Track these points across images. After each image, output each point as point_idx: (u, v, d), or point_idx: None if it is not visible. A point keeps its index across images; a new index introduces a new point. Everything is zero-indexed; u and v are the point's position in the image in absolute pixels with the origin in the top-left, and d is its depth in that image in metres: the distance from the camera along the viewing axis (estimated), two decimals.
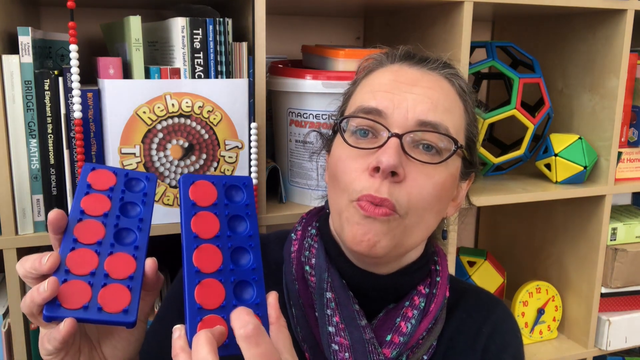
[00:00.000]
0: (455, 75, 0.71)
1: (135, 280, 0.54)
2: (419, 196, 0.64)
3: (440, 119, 0.65)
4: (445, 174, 0.66)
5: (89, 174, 0.60)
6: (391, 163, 0.62)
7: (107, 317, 0.51)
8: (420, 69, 0.70)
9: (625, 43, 1.22)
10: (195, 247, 0.54)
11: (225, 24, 0.94)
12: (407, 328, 0.68)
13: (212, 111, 0.95)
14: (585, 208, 1.34)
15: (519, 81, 1.24)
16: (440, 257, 0.77)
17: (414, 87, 0.67)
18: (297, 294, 0.71)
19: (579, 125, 1.35)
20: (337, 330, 0.66)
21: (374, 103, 0.66)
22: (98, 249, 0.55)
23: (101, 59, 0.90)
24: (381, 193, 0.63)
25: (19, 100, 0.88)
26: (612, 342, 1.38)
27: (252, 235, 0.57)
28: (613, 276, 1.35)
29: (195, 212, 0.56)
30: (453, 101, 0.68)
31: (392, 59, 0.72)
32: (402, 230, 0.65)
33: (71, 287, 0.52)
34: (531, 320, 1.40)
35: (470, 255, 1.46)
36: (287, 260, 0.74)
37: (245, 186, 0.59)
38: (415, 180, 0.64)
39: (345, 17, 1.46)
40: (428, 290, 0.72)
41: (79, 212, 0.57)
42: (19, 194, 0.91)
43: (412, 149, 0.65)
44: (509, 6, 1.18)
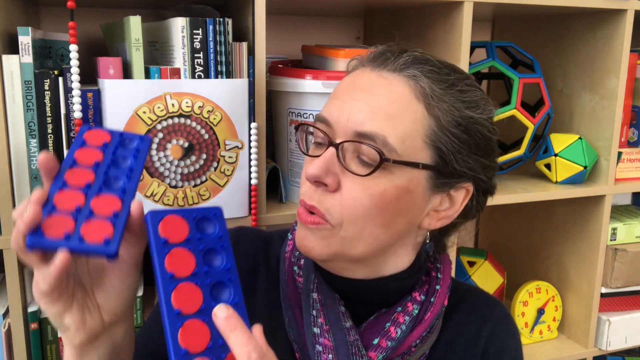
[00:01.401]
0: (417, 76, 0.64)
1: (119, 218, 0.53)
2: (352, 207, 0.63)
3: (378, 128, 0.61)
4: (387, 185, 0.62)
5: (85, 132, 0.60)
6: (312, 173, 0.62)
7: (87, 246, 0.50)
8: (379, 72, 0.66)
9: (625, 43, 1.22)
10: (173, 288, 0.51)
11: (225, 24, 0.94)
12: (397, 333, 0.67)
13: (212, 111, 0.95)
14: (585, 208, 1.34)
15: (519, 81, 1.24)
16: (444, 264, 0.75)
17: (362, 93, 0.64)
18: (287, 294, 0.72)
19: (579, 125, 1.35)
20: (322, 332, 0.67)
21: (324, 112, 0.66)
22: (86, 190, 0.55)
23: (101, 59, 0.90)
24: (311, 200, 0.64)
25: (19, 100, 0.88)
26: (612, 342, 1.38)
27: (230, 268, 0.55)
28: (613, 276, 1.35)
29: (168, 250, 0.53)
30: (404, 106, 0.63)
31: (363, 62, 0.70)
32: (338, 241, 0.64)
33: (55, 219, 0.52)
34: (531, 320, 1.40)
35: (470, 255, 1.46)
36: (282, 259, 0.75)
37: (216, 217, 0.57)
38: (349, 192, 0.63)
39: (345, 17, 1.46)
40: (424, 298, 0.71)
41: (71, 161, 0.57)
42: (19, 194, 0.91)
43: (352, 159, 0.64)
44: (509, 6, 1.18)
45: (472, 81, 0.69)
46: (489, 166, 0.68)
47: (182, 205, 0.96)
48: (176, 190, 0.95)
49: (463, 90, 0.66)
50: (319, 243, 0.65)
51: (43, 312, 0.98)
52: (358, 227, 0.64)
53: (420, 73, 0.64)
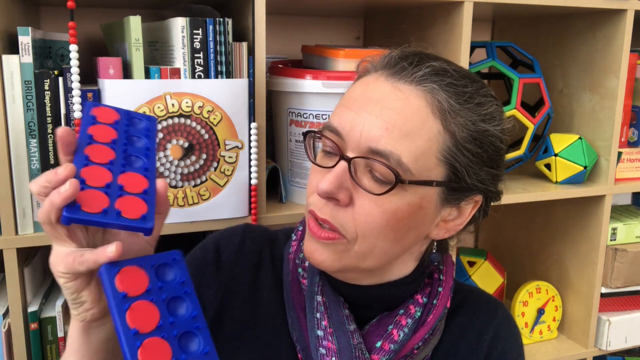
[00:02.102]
0: (436, 90, 0.62)
1: (150, 195, 0.55)
2: (365, 223, 0.62)
3: (392, 147, 0.60)
4: (400, 203, 0.62)
5: (92, 109, 0.60)
6: (324, 189, 0.61)
7: (126, 221, 0.51)
8: (394, 82, 0.63)
9: (625, 43, 1.21)
10: (139, 346, 0.48)
11: (225, 24, 0.94)
12: (399, 336, 0.67)
13: (212, 111, 0.95)
14: (585, 208, 1.34)
15: (519, 81, 1.24)
16: (446, 266, 0.75)
17: (375, 106, 0.62)
18: (291, 295, 0.71)
19: (579, 125, 1.35)
20: (325, 334, 0.66)
21: (336, 122, 0.64)
22: (110, 167, 0.55)
23: (101, 59, 0.90)
24: (323, 213, 0.63)
25: (19, 100, 0.88)
26: (612, 342, 1.38)
27: (196, 315, 0.52)
28: (613, 276, 1.35)
29: (128, 304, 0.49)
30: (419, 122, 0.61)
31: (376, 67, 0.67)
32: (352, 256, 0.64)
33: (89, 194, 0.51)
34: (531, 320, 1.40)
35: (470, 255, 1.46)
36: (286, 260, 0.75)
37: (175, 262, 0.55)
38: (362, 207, 0.62)
39: (345, 17, 1.46)
40: (426, 300, 0.71)
41: (88, 137, 0.57)
42: (19, 194, 0.91)
43: (364, 173, 0.62)
44: (509, 6, 1.18)
45: (488, 90, 0.67)
46: (497, 176, 0.68)
47: (182, 206, 0.96)
48: (176, 190, 0.95)
49: (480, 103, 0.64)
50: (331, 257, 0.65)
51: (43, 312, 0.98)
52: (370, 243, 0.63)
53: (438, 87, 0.62)
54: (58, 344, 0.99)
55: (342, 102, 0.66)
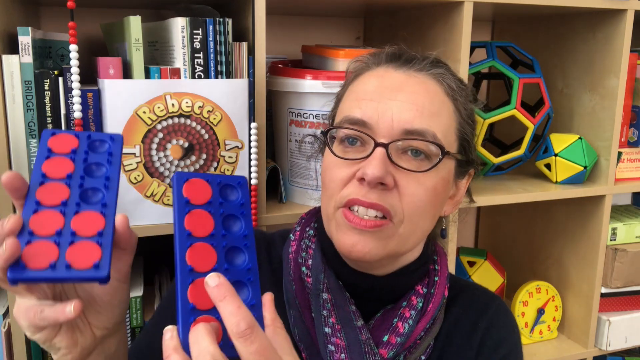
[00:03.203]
0: (444, 74, 0.69)
1: (105, 237, 0.51)
2: (412, 203, 0.65)
3: (427, 124, 0.65)
4: (437, 179, 0.66)
5: (49, 139, 0.56)
6: (376, 175, 0.62)
7: (77, 274, 0.48)
8: (406, 71, 0.69)
9: (625, 43, 1.22)
10: (189, 245, 0.52)
11: (225, 24, 0.94)
12: (405, 328, 0.68)
13: (212, 111, 0.95)
14: (585, 208, 1.34)
15: (519, 81, 1.24)
16: (440, 256, 0.77)
17: (398, 93, 0.66)
18: (294, 295, 0.71)
19: (579, 125, 1.35)
20: (334, 331, 0.67)
21: (359, 113, 0.66)
22: (63, 209, 0.52)
23: (101, 59, 0.90)
24: (370, 198, 0.63)
25: (19, 100, 0.88)
26: (612, 342, 1.38)
27: (247, 234, 0.55)
28: (613, 276, 1.35)
29: (189, 209, 0.54)
30: (440, 103, 0.67)
31: (378, 61, 0.71)
32: (396, 240, 0.66)
33: (36, 247, 0.48)
34: (531, 320, 1.40)
35: (470, 255, 1.46)
36: (286, 260, 0.74)
37: (240, 185, 0.57)
38: (406, 188, 0.64)
39: (345, 17, 1.46)
40: (426, 290, 0.72)
41: (40, 176, 0.53)
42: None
43: (400, 155, 0.65)
44: (509, 6, 1.18)
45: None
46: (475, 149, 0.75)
47: None
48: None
49: (464, 82, 0.72)
50: (376, 245, 0.65)
51: None
52: (414, 223, 0.66)
53: (444, 71, 0.69)
54: None
55: (357, 96, 0.68)
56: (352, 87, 0.71)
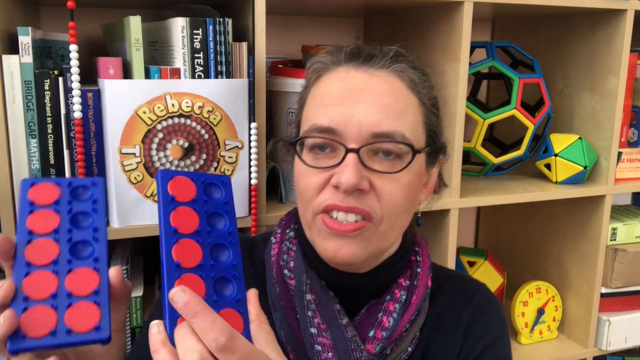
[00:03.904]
0: (404, 69, 0.69)
1: (101, 294, 0.51)
2: (390, 202, 0.65)
3: (395, 125, 0.65)
4: (410, 175, 0.67)
5: (28, 190, 0.55)
6: (351, 182, 0.62)
7: (78, 338, 0.48)
8: (367, 70, 0.68)
9: (625, 43, 1.21)
10: (175, 242, 0.52)
11: (225, 24, 0.94)
12: (390, 322, 0.69)
13: (212, 111, 0.95)
14: (585, 208, 1.34)
15: (519, 81, 1.24)
16: (421, 247, 0.78)
17: (362, 94, 0.65)
18: (278, 297, 0.71)
19: (579, 125, 1.35)
20: (319, 331, 0.67)
21: (325, 121, 0.65)
22: (55, 268, 0.51)
23: (101, 59, 0.90)
24: (348, 203, 0.64)
25: (19, 100, 0.88)
26: (612, 342, 1.38)
27: (232, 232, 0.55)
28: (613, 276, 1.35)
29: (174, 206, 0.54)
30: (405, 99, 0.67)
31: (337, 61, 0.71)
32: (377, 239, 0.67)
33: (33, 314, 0.48)
34: (531, 320, 1.40)
35: (470, 255, 1.46)
36: (268, 263, 0.75)
37: (223, 184, 0.58)
38: (383, 188, 0.65)
39: (345, 17, 1.46)
40: (409, 282, 0.73)
41: (27, 233, 0.52)
42: (19, 194, 0.91)
43: (372, 157, 0.65)
44: (509, 6, 1.18)
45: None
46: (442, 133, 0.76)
47: None
48: None
49: (425, 72, 0.73)
50: (359, 247, 0.66)
51: None
52: (393, 220, 0.67)
53: (404, 66, 0.69)
54: None
55: (321, 102, 0.68)
56: (315, 91, 0.70)
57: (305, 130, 0.68)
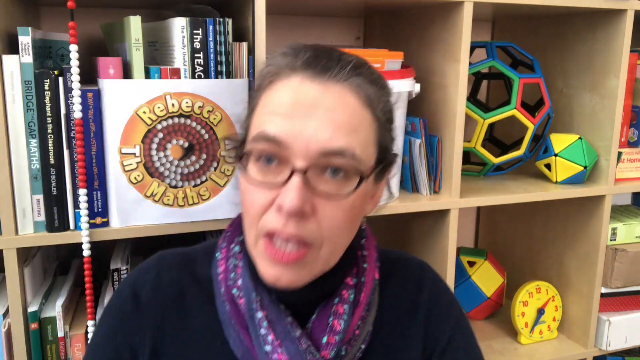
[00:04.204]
0: (361, 84, 0.66)
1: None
2: (330, 228, 0.63)
3: (346, 142, 0.62)
4: (355, 197, 0.64)
5: None
6: (294, 207, 0.60)
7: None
8: (324, 82, 0.64)
9: (625, 43, 1.21)
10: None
11: (225, 24, 0.94)
12: (341, 325, 0.68)
13: (212, 111, 0.95)
14: (585, 208, 1.34)
15: (519, 81, 1.24)
16: (368, 240, 0.76)
17: (315, 110, 0.62)
18: (228, 315, 0.70)
19: (579, 125, 1.35)
20: (274, 348, 0.66)
21: (273, 130, 0.62)
22: None
23: (101, 59, 0.90)
24: (288, 229, 0.61)
25: (19, 100, 0.88)
26: (612, 342, 1.38)
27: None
28: (613, 276, 1.35)
29: None
30: (359, 116, 0.65)
31: (292, 67, 0.66)
32: (318, 263, 0.65)
33: None
34: (531, 320, 1.40)
35: (470, 255, 1.46)
36: (216, 282, 0.72)
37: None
38: (324, 213, 0.63)
39: (345, 17, 1.46)
40: (356, 280, 0.72)
41: None
42: (19, 194, 0.91)
43: (319, 176, 0.62)
44: (509, 6, 1.18)
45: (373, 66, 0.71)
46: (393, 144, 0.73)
47: (182, 206, 0.96)
48: (176, 190, 0.95)
49: (383, 85, 0.70)
50: (300, 274, 0.65)
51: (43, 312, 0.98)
52: (334, 242, 0.65)
53: (362, 81, 0.66)
54: (58, 344, 0.99)
55: (272, 110, 0.64)
56: (265, 97, 0.67)
57: (252, 137, 0.65)
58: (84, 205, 0.92)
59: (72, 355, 0.99)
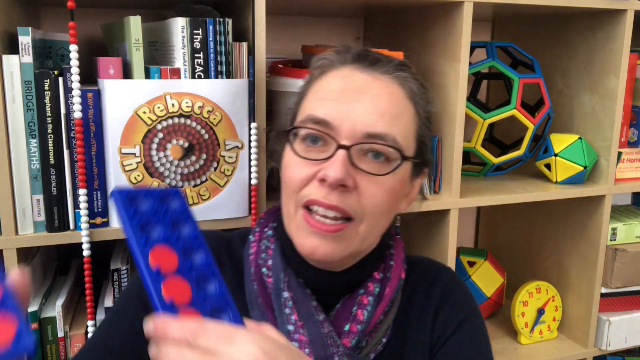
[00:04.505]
0: (406, 78, 0.71)
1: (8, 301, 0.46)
2: (371, 204, 0.67)
3: (388, 129, 0.66)
4: (395, 180, 0.68)
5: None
6: (338, 177, 0.64)
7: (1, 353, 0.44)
8: (371, 73, 0.70)
9: (625, 43, 1.21)
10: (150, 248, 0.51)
11: (225, 24, 0.94)
12: (364, 315, 0.70)
13: (212, 111, 0.94)
14: (585, 208, 1.34)
15: (519, 81, 1.24)
16: (395, 241, 0.80)
17: (362, 95, 0.67)
18: (256, 295, 0.72)
19: (579, 125, 1.35)
20: (296, 328, 0.68)
21: (322, 113, 0.67)
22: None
23: (101, 59, 0.90)
24: (330, 200, 0.65)
25: (19, 100, 0.88)
26: (612, 342, 1.38)
27: (197, 235, 0.54)
28: (613, 276, 1.35)
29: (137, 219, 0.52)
30: (402, 106, 0.69)
31: (343, 61, 0.72)
32: (356, 240, 0.68)
33: None
34: (531, 320, 1.40)
35: (470, 255, 1.46)
36: (247, 261, 0.75)
37: (176, 195, 0.56)
38: (366, 189, 0.66)
39: (345, 17, 1.46)
40: (382, 275, 0.74)
41: None
42: (19, 194, 0.91)
43: (361, 157, 0.66)
44: (509, 6, 1.18)
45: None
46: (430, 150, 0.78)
47: None
48: None
49: (425, 85, 0.74)
50: (338, 247, 0.67)
51: (43, 312, 0.98)
52: (373, 222, 0.68)
53: (407, 75, 0.71)
54: (58, 344, 0.99)
55: (321, 95, 0.69)
56: (316, 86, 0.72)
57: (300, 120, 0.70)
58: (84, 205, 0.92)
59: (72, 355, 0.99)
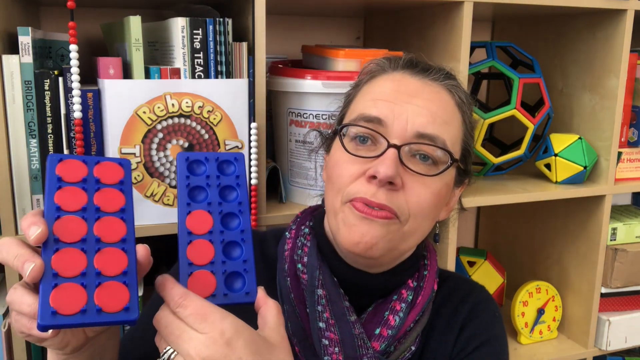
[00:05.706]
0: (456, 87, 0.73)
1: (129, 275, 0.51)
2: (417, 204, 0.67)
3: (438, 131, 0.68)
4: (441, 183, 0.69)
5: (56, 166, 0.53)
6: (389, 174, 0.64)
7: (108, 318, 0.48)
8: (422, 79, 0.71)
9: (625, 43, 1.21)
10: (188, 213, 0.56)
11: (225, 24, 0.94)
12: (396, 321, 0.71)
13: (212, 111, 0.95)
14: (585, 208, 1.34)
15: (519, 81, 1.24)
16: (430, 252, 0.80)
17: (414, 98, 0.69)
18: (288, 290, 0.73)
19: (579, 125, 1.35)
20: (328, 326, 0.69)
21: (375, 112, 0.68)
22: (84, 247, 0.50)
23: (101, 59, 0.90)
24: (378, 199, 0.65)
25: (19, 100, 0.88)
26: (612, 342, 1.38)
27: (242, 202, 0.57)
28: (613, 276, 1.35)
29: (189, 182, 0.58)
30: (451, 113, 0.71)
31: (394, 66, 0.74)
32: (400, 236, 0.68)
33: (63, 291, 0.47)
34: (531, 320, 1.40)
35: (470, 255, 1.46)
36: (281, 257, 0.76)
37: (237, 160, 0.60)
38: (413, 189, 0.67)
39: (345, 17, 1.46)
40: (416, 284, 0.75)
41: (55, 209, 0.51)
42: (19, 194, 0.91)
43: (410, 158, 0.67)
44: (509, 6, 1.18)
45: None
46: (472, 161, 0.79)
47: None
48: (176, 190, 0.95)
49: (471, 99, 0.76)
50: (384, 238, 0.67)
51: None
52: (417, 222, 0.69)
53: (456, 84, 0.73)
54: None
55: (373, 97, 0.71)
56: (367, 88, 0.73)
57: (352, 119, 0.70)
58: None
59: None
